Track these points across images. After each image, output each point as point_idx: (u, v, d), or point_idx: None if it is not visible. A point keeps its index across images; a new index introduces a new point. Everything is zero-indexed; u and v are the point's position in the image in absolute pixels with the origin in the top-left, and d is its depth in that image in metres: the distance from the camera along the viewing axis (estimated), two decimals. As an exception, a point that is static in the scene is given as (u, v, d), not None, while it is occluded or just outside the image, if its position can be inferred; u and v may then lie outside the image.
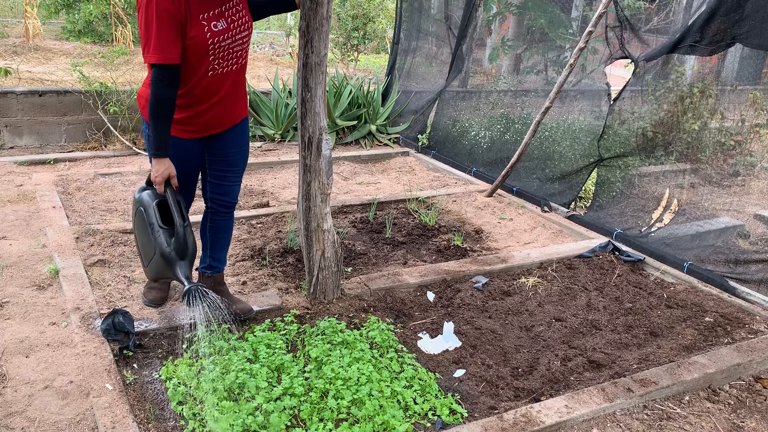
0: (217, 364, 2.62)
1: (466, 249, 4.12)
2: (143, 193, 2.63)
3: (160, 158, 2.56)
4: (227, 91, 2.71)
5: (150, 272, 2.73)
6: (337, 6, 9.87)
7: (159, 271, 2.66)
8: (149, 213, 2.56)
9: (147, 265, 2.69)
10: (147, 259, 2.67)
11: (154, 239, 2.55)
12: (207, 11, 2.50)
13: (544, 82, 5.44)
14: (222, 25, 2.55)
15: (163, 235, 2.55)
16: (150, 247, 2.59)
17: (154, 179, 2.58)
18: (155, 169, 2.57)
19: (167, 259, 2.56)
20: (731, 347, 3.02)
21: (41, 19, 9.54)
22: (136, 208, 2.64)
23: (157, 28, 2.37)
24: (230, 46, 2.61)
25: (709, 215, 4.15)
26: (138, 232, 2.67)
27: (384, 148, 6.64)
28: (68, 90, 5.84)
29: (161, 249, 2.55)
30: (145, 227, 2.58)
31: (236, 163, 2.93)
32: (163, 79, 2.46)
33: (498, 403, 2.58)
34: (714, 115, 4.27)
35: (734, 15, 3.68)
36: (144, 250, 2.66)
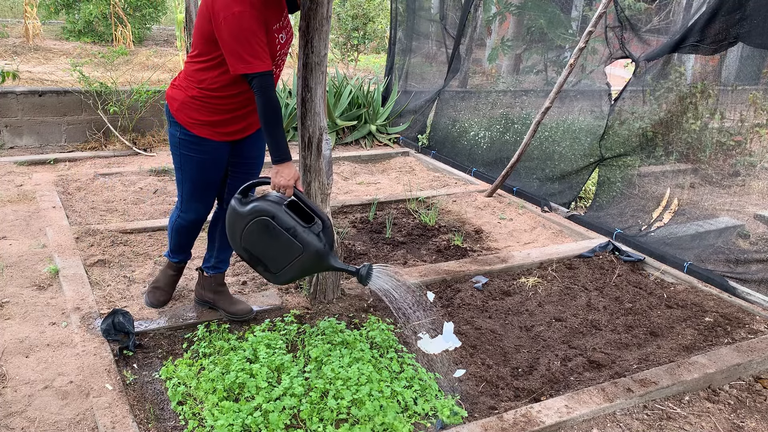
0: (217, 364, 2.62)
1: (466, 249, 4.12)
2: (253, 203, 2.56)
3: (287, 162, 2.56)
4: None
5: (286, 276, 2.65)
6: (337, 6, 9.87)
7: (305, 270, 2.64)
8: (281, 218, 2.53)
9: (278, 272, 2.62)
10: (280, 265, 2.61)
11: (301, 240, 2.53)
12: (276, 23, 2.57)
13: (544, 82, 5.44)
14: (284, 38, 2.63)
15: (310, 233, 2.55)
16: (288, 251, 2.55)
17: (286, 183, 2.56)
18: (285, 174, 2.55)
19: (322, 255, 2.57)
20: (731, 347, 3.02)
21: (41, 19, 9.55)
22: (249, 220, 2.55)
23: (255, 38, 2.41)
24: (283, 55, 2.69)
25: (709, 215, 4.15)
26: (256, 242, 2.59)
27: (384, 148, 6.64)
28: (68, 90, 5.84)
29: (316, 246, 2.54)
30: (274, 234, 2.53)
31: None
32: (269, 85, 2.49)
33: (498, 403, 2.58)
34: (714, 115, 4.27)
35: (736, 14, 3.68)
36: (272, 257, 2.60)
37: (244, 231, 2.57)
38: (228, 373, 2.55)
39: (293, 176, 2.58)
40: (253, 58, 2.43)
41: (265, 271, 2.65)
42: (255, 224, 2.54)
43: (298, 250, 2.54)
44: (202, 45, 2.56)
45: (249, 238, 2.58)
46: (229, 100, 2.65)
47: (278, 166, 2.56)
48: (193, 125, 2.67)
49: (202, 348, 2.77)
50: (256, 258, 2.62)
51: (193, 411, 2.39)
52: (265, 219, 2.53)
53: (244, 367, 2.57)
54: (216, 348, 2.76)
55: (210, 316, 3.04)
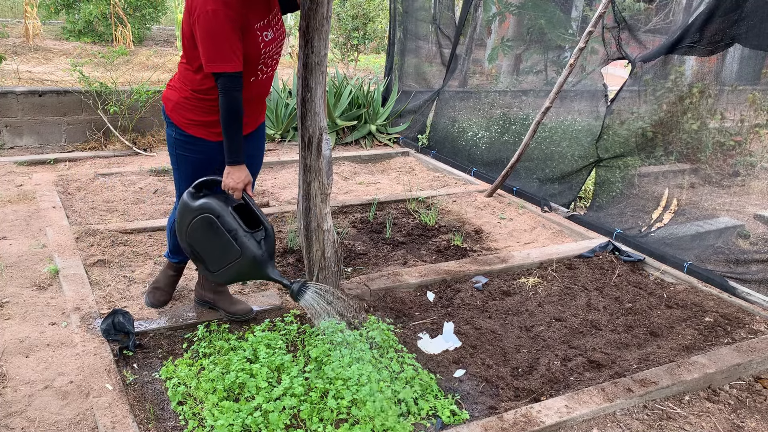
0: (217, 364, 2.62)
1: (466, 249, 4.12)
2: (204, 199, 2.57)
3: (239, 165, 2.57)
4: (258, 95, 2.76)
5: (222, 277, 2.67)
6: (337, 6, 9.87)
7: (241, 275, 2.65)
8: (225, 219, 2.54)
9: (217, 271, 2.64)
10: (218, 265, 2.62)
11: (240, 244, 2.54)
12: (259, 21, 2.54)
13: (544, 83, 5.44)
14: (270, 35, 2.60)
15: (251, 239, 2.55)
16: (227, 252, 2.56)
17: (235, 186, 2.57)
18: (235, 176, 2.57)
19: (259, 262, 2.58)
20: (731, 347, 3.02)
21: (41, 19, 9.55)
22: (196, 215, 2.57)
23: (225, 38, 2.39)
24: (272, 54, 2.66)
25: (709, 215, 4.15)
26: (200, 238, 2.60)
27: (384, 148, 6.64)
28: (68, 90, 5.84)
29: (253, 253, 2.55)
30: (216, 233, 2.55)
31: (254, 166, 2.95)
32: (234, 86, 2.48)
33: (498, 403, 2.58)
34: (714, 115, 4.27)
35: (733, 15, 3.67)
36: (212, 255, 2.61)
37: (190, 225, 2.59)
38: (228, 373, 2.54)
39: (243, 180, 2.58)
40: (220, 59, 2.41)
41: (204, 269, 2.67)
42: (200, 220, 2.56)
43: (236, 254, 2.55)
44: (187, 47, 2.57)
45: (193, 234, 2.60)
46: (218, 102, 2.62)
47: (230, 168, 2.57)
48: (187, 125, 2.68)
49: (202, 348, 2.77)
50: (197, 254, 2.64)
51: (193, 411, 2.39)
52: (210, 217, 2.55)
53: (244, 367, 2.57)
54: (216, 348, 2.76)
55: (210, 316, 3.04)
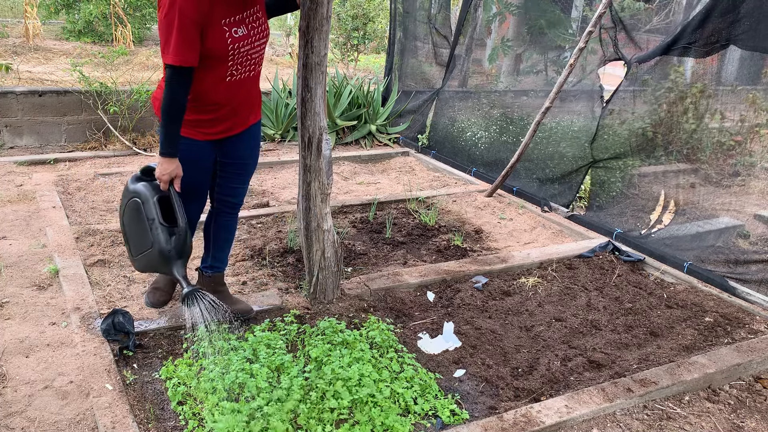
0: (217, 364, 2.62)
1: (466, 249, 4.12)
2: (139, 184, 2.63)
3: (170, 158, 2.57)
4: (244, 96, 2.73)
5: (138, 264, 2.73)
6: (337, 6, 9.87)
7: (151, 266, 2.68)
8: (148, 207, 2.57)
9: (135, 256, 2.70)
10: (137, 251, 2.68)
11: (153, 235, 2.57)
12: (229, 17, 2.51)
13: (544, 83, 5.44)
14: (242, 32, 2.56)
15: (163, 232, 2.57)
16: (144, 240, 2.60)
17: (161, 176, 2.59)
18: (163, 168, 2.57)
19: (165, 257, 2.58)
20: (731, 347, 3.02)
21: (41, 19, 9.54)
22: (129, 198, 2.64)
23: (178, 31, 2.38)
24: (249, 52, 2.62)
25: (709, 215, 4.15)
26: (128, 221, 2.66)
27: (384, 148, 6.64)
28: (68, 90, 5.84)
29: (161, 246, 2.56)
30: (140, 219, 2.59)
31: (247, 166, 2.94)
32: (178, 80, 2.47)
33: (498, 403, 2.58)
34: (714, 115, 4.27)
35: (729, 16, 3.67)
36: (134, 240, 2.67)
37: (125, 206, 2.65)
38: (228, 373, 2.54)
39: (170, 172, 2.59)
40: (170, 50, 2.41)
41: (129, 253, 2.74)
42: (132, 203, 2.63)
43: (148, 244, 2.59)
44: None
45: (126, 214, 2.67)
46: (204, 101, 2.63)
47: (160, 158, 2.58)
48: None
49: (202, 348, 2.77)
50: (126, 236, 2.71)
51: (193, 411, 2.39)
52: (137, 201, 2.60)
53: (244, 367, 2.57)
54: (216, 348, 2.76)
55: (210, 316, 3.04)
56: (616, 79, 4.70)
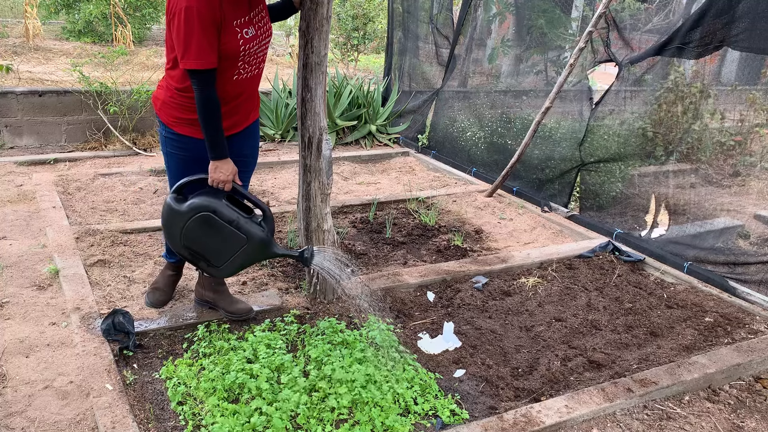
0: (217, 364, 2.62)
1: (466, 249, 4.12)
2: (196, 199, 2.59)
3: (224, 159, 2.59)
4: (248, 94, 2.76)
5: (230, 269, 2.70)
6: (337, 6, 9.87)
7: (250, 260, 2.70)
8: (223, 211, 2.58)
9: (221, 265, 2.67)
10: (223, 259, 2.65)
11: (244, 231, 2.59)
12: (239, 18, 2.54)
13: (544, 83, 5.44)
14: (252, 32, 2.59)
15: (252, 224, 2.62)
16: (230, 244, 2.61)
17: (226, 179, 2.59)
18: (224, 170, 2.58)
19: (266, 243, 2.65)
20: (731, 347, 3.02)
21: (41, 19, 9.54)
22: (191, 216, 2.58)
23: (199, 34, 2.39)
24: (256, 51, 2.65)
25: (709, 215, 4.15)
26: (199, 238, 2.61)
27: (384, 148, 6.64)
28: (68, 90, 5.84)
29: (259, 236, 2.61)
30: (215, 229, 2.58)
31: (248, 163, 2.96)
32: (207, 83, 2.49)
33: (498, 403, 2.58)
34: (714, 115, 4.27)
35: (724, 18, 3.67)
36: (214, 251, 2.64)
37: (185, 228, 2.59)
38: (228, 373, 2.55)
39: (232, 171, 2.61)
40: (193, 55, 2.41)
41: (208, 267, 2.69)
42: (196, 220, 2.57)
43: (242, 241, 2.60)
44: (168, 47, 2.60)
45: (190, 235, 2.61)
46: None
47: (216, 163, 2.58)
48: (174, 123, 2.70)
49: (202, 348, 2.77)
50: (198, 254, 2.66)
51: (193, 411, 2.39)
52: (206, 214, 2.57)
53: (244, 368, 2.57)
54: (216, 348, 2.76)
55: (210, 316, 3.04)
56: (608, 80, 4.71)
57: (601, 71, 4.92)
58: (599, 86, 4.89)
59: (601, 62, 4.61)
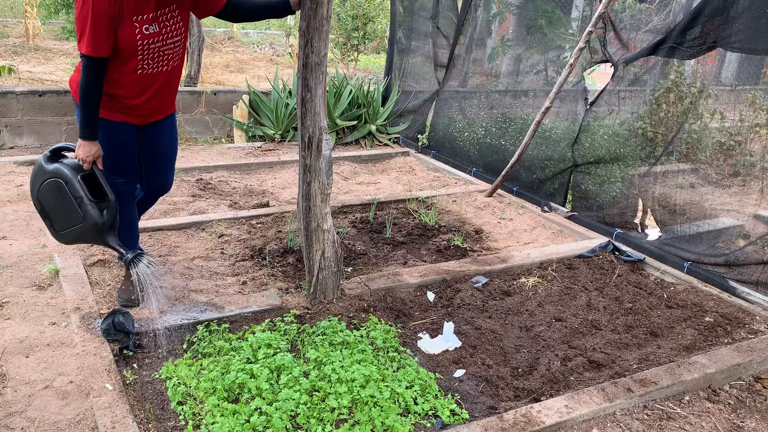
0: (217, 364, 2.62)
1: (466, 249, 4.12)
2: (57, 164, 2.76)
3: (91, 140, 2.75)
4: (155, 89, 2.88)
5: (65, 238, 2.87)
6: (337, 6, 9.87)
7: (83, 238, 2.87)
8: (73, 186, 2.73)
9: (61, 231, 2.85)
10: (62, 227, 2.83)
11: (83, 211, 2.74)
12: (140, 14, 2.66)
13: (544, 82, 5.44)
14: (154, 29, 2.71)
15: (94, 207, 2.75)
16: (71, 216, 2.77)
17: (85, 158, 2.75)
18: (85, 150, 2.74)
19: (100, 229, 2.78)
20: (731, 347, 3.02)
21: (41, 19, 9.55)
22: (47, 177, 2.76)
23: (92, 24, 2.54)
24: (160, 48, 2.77)
25: (709, 215, 4.15)
26: (48, 199, 2.79)
27: (384, 148, 6.64)
28: (68, 90, 5.84)
29: (94, 221, 2.75)
30: (63, 197, 2.74)
31: (166, 154, 3.16)
32: (94, 69, 2.65)
33: (498, 403, 2.58)
34: (714, 115, 4.27)
35: (718, 18, 3.67)
36: (57, 217, 2.82)
37: (42, 185, 2.78)
38: (228, 373, 2.55)
39: (93, 153, 2.76)
40: (84, 40, 2.56)
41: (50, 227, 2.88)
42: (51, 183, 2.76)
43: (79, 219, 2.76)
44: None
45: (43, 194, 2.80)
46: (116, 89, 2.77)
47: (82, 141, 2.75)
48: None
49: (202, 348, 2.77)
50: (45, 213, 2.84)
51: (193, 411, 2.39)
52: (59, 181, 2.74)
53: (244, 368, 2.57)
54: (216, 348, 2.76)
55: (210, 316, 3.04)
56: (605, 79, 4.71)
57: (598, 71, 4.92)
58: (596, 86, 4.89)
59: (599, 62, 4.62)
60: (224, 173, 5.47)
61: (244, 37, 12.25)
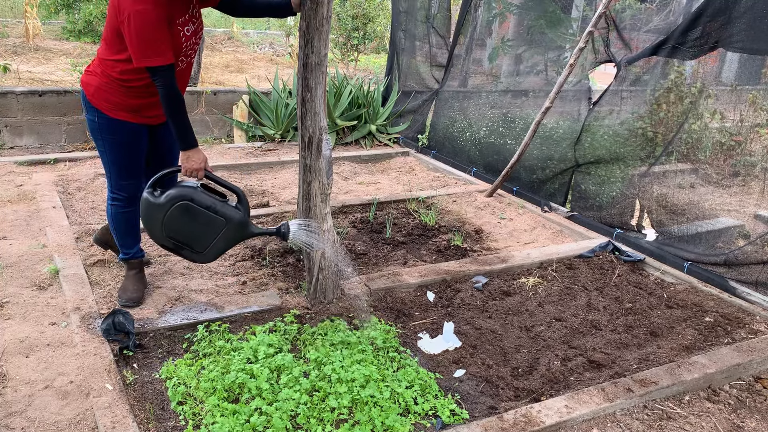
0: (217, 364, 2.62)
1: (466, 249, 4.12)
2: (171, 191, 2.69)
3: (195, 147, 2.75)
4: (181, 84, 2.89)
5: (213, 252, 2.80)
6: (337, 6, 9.87)
7: (230, 242, 2.81)
8: (200, 198, 2.69)
9: (204, 251, 2.77)
10: (204, 245, 2.75)
11: (222, 214, 2.70)
12: (182, 16, 2.68)
13: (544, 82, 5.44)
14: (191, 29, 2.75)
15: (228, 206, 2.72)
16: (210, 228, 2.71)
17: (198, 167, 2.73)
18: (196, 159, 2.73)
19: (244, 223, 2.77)
20: (731, 347, 3.02)
21: (41, 19, 9.55)
22: (169, 207, 2.67)
23: (156, 34, 2.54)
24: (192, 45, 2.81)
25: (709, 215, 4.15)
26: (179, 227, 2.71)
27: (384, 148, 6.64)
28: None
29: (236, 218, 2.73)
30: (193, 215, 2.68)
31: (174, 153, 3.14)
32: (170, 76, 2.63)
33: (498, 403, 2.58)
34: (714, 115, 4.27)
35: (720, 19, 3.68)
36: (195, 238, 2.74)
37: (165, 219, 2.68)
38: (228, 373, 2.55)
39: (203, 160, 2.77)
40: (154, 54, 2.56)
41: (192, 254, 2.79)
42: (175, 210, 2.68)
43: (221, 225, 2.71)
44: (111, 37, 2.69)
45: (171, 225, 2.70)
46: (139, 89, 2.77)
47: (188, 152, 2.72)
48: (109, 109, 2.80)
49: (202, 348, 2.77)
50: (180, 243, 2.76)
51: (193, 411, 2.39)
52: (184, 203, 2.67)
53: (244, 368, 2.57)
54: (216, 348, 2.76)
55: (210, 316, 3.04)
56: (607, 79, 4.71)
57: (601, 71, 4.93)
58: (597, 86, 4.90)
59: (602, 62, 4.62)
60: (224, 173, 5.47)
61: (244, 37, 12.25)
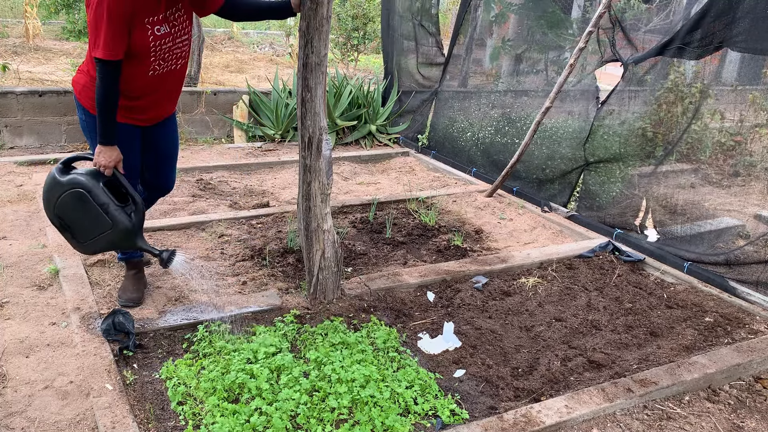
0: (217, 364, 2.62)
1: (466, 249, 4.12)
2: (74, 175, 2.71)
3: (111, 145, 2.72)
4: (166, 90, 2.90)
5: (91, 247, 2.82)
6: (337, 6, 9.87)
7: (114, 244, 2.81)
8: (97, 193, 2.68)
9: (85, 242, 2.78)
10: (87, 237, 2.76)
11: (111, 217, 2.69)
12: (152, 16, 2.65)
13: (544, 82, 5.43)
14: (165, 30, 2.71)
15: (121, 212, 2.72)
16: (97, 224, 2.71)
17: (107, 164, 2.72)
18: (107, 155, 2.71)
19: (131, 233, 2.74)
20: (731, 347, 3.02)
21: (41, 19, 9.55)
22: (66, 189, 2.69)
23: (107, 26, 2.52)
24: (171, 48, 2.78)
25: (709, 215, 4.15)
26: (69, 211, 2.72)
27: (384, 148, 6.64)
28: (68, 90, 5.84)
29: (125, 225, 2.71)
30: (86, 207, 2.69)
31: (165, 156, 3.15)
32: (109, 73, 2.62)
33: (498, 403, 2.58)
34: (714, 115, 4.27)
35: (724, 19, 3.68)
36: (81, 227, 2.75)
37: (59, 199, 2.71)
38: (228, 373, 2.55)
39: (114, 158, 2.73)
40: (99, 45, 2.54)
41: (72, 239, 2.80)
42: (70, 194, 2.69)
43: (107, 226, 2.71)
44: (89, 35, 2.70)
45: (62, 207, 2.72)
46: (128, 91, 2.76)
47: (101, 147, 2.71)
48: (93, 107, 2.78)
49: (202, 348, 2.77)
50: (66, 226, 2.76)
51: (193, 411, 2.39)
52: (81, 191, 2.68)
53: (244, 368, 2.57)
54: (216, 348, 2.76)
55: (210, 316, 3.04)
56: (614, 80, 4.71)
57: (606, 71, 4.93)
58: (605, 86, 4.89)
59: (608, 62, 4.62)
60: (224, 173, 5.47)
61: (244, 37, 12.26)
